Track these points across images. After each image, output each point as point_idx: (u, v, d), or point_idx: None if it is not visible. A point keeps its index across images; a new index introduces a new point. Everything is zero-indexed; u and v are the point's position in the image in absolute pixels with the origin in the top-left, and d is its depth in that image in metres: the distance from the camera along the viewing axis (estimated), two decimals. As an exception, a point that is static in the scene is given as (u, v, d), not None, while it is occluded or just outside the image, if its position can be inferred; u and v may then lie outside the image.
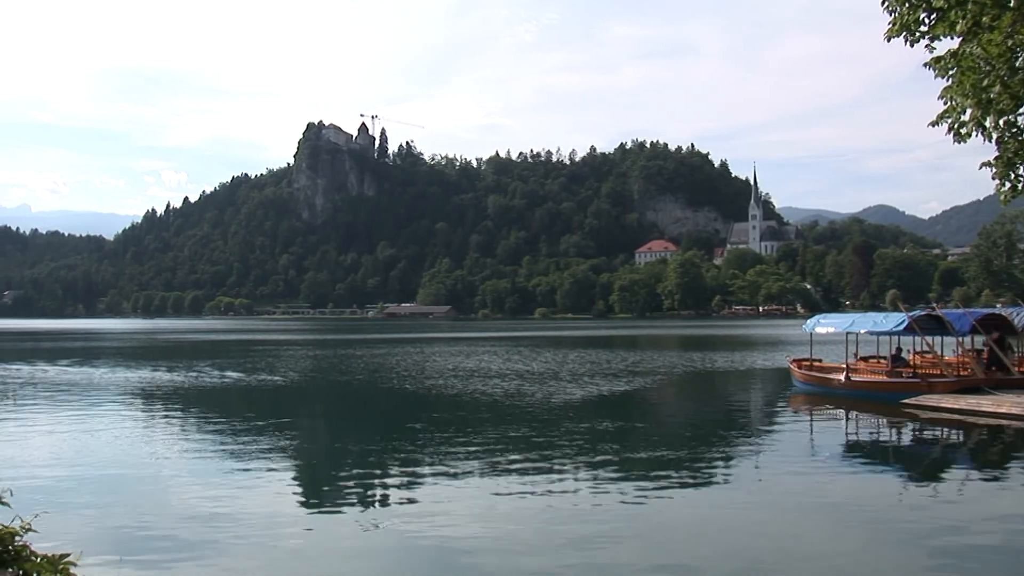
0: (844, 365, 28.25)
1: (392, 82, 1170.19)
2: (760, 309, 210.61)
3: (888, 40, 8.71)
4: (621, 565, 9.98)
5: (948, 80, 8.55)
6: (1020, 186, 8.71)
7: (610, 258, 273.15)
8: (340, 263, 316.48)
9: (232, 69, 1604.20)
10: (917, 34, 8.48)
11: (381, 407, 28.49)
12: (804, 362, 30.94)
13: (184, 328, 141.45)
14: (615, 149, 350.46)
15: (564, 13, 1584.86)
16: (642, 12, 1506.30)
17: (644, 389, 31.30)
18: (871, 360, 30.04)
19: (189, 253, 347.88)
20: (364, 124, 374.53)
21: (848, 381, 27.20)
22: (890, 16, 8.62)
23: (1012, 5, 7.82)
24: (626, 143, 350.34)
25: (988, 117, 8.35)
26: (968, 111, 8.46)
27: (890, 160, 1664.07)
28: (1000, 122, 8.43)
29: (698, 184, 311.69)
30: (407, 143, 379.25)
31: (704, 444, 19.00)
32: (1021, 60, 8.03)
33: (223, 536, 11.25)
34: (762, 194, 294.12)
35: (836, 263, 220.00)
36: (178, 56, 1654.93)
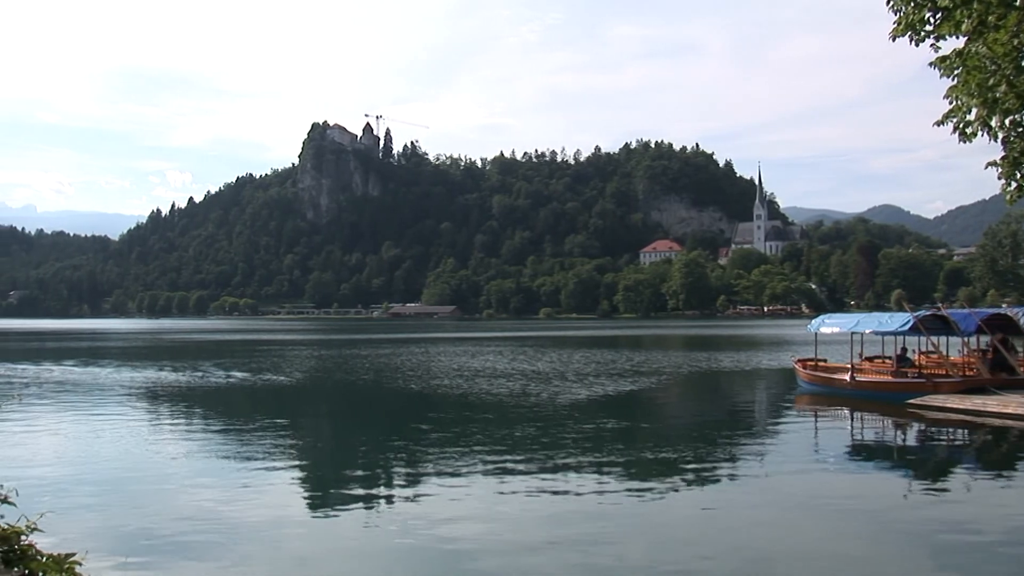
0: (849, 365, 28.17)
1: (396, 82, 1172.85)
2: (765, 309, 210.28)
3: (893, 39, 8.70)
4: (626, 565, 9.98)
5: (953, 79, 8.54)
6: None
7: (615, 258, 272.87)
8: (345, 263, 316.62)
9: (236, 69, 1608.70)
10: (922, 33, 8.47)
11: (386, 407, 28.51)
12: (809, 362, 30.90)
13: (189, 328, 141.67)
14: (620, 149, 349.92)
15: (567, 13, 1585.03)
16: (645, 12, 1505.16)
17: (649, 389, 31.28)
18: (876, 360, 29.96)
19: (194, 253, 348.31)
20: (369, 124, 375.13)
21: (853, 381, 27.15)
22: (895, 15, 8.61)
23: (1018, 4, 7.81)
24: (631, 143, 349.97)
25: (994, 117, 8.33)
26: (974, 111, 8.44)
27: (895, 160, 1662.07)
28: (1006, 122, 8.41)
29: (703, 184, 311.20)
30: (412, 143, 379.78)
31: (709, 444, 18.98)
32: (1027, 59, 8.02)
33: (228, 536, 11.27)
34: (767, 194, 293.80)
35: (841, 263, 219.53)
36: (182, 56, 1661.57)
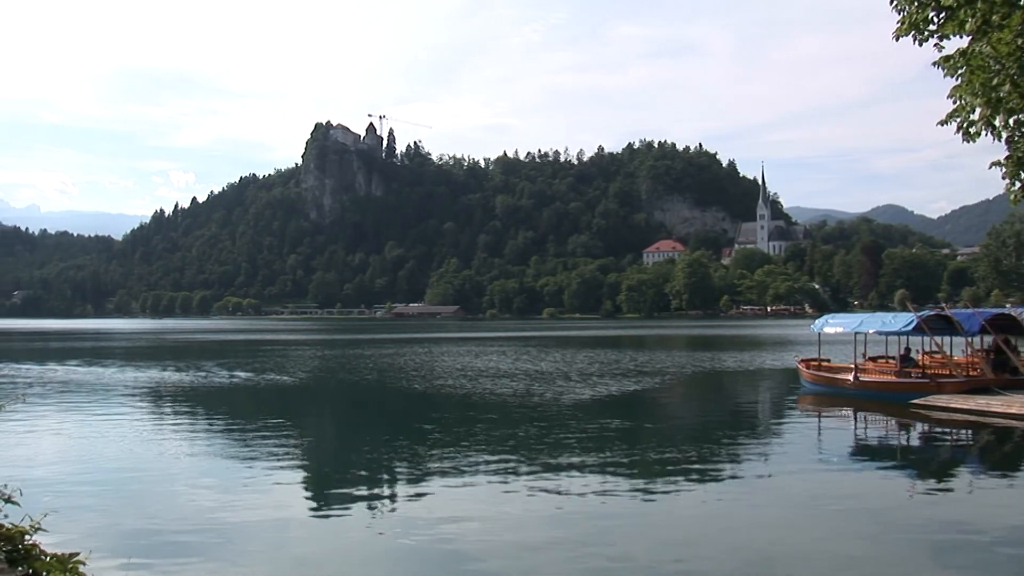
0: (853, 365, 28.14)
1: (399, 82, 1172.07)
2: (768, 309, 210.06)
3: (897, 39, 8.70)
4: (630, 565, 9.97)
5: (957, 79, 8.53)
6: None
7: (618, 258, 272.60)
8: (348, 263, 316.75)
9: (240, 69, 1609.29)
10: (926, 33, 8.47)
11: (389, 407, 28.52)
12: (812, 362, 30.87)
13: (192, 328, 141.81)
14: (623, 149, 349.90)
15: (571, 13, 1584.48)
16: (648, 12, 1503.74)
17: (653, 389, 31.26)
18: (880, 360, 29.94)
19: (197, 253, 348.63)
20: (372, 124, 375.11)
21: (857, 381, 27.11)
22: (899, 15, 8.61)
23: (1022, 4, 7.80)
24: (634, 143, 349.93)
25: (998, 116, 8.33)
26: (977, 110, 8.44)
27: (899, 160, 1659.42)
28: (1010, 121, 8.40)
29: (706, 184, 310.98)
30: (415, 143, 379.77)
31: (713, 444, 18.96)
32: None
33: (231, 537, 11.29)
34: (770, 194, 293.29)
35: (844, 263, 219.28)
36: (185, 57, 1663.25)
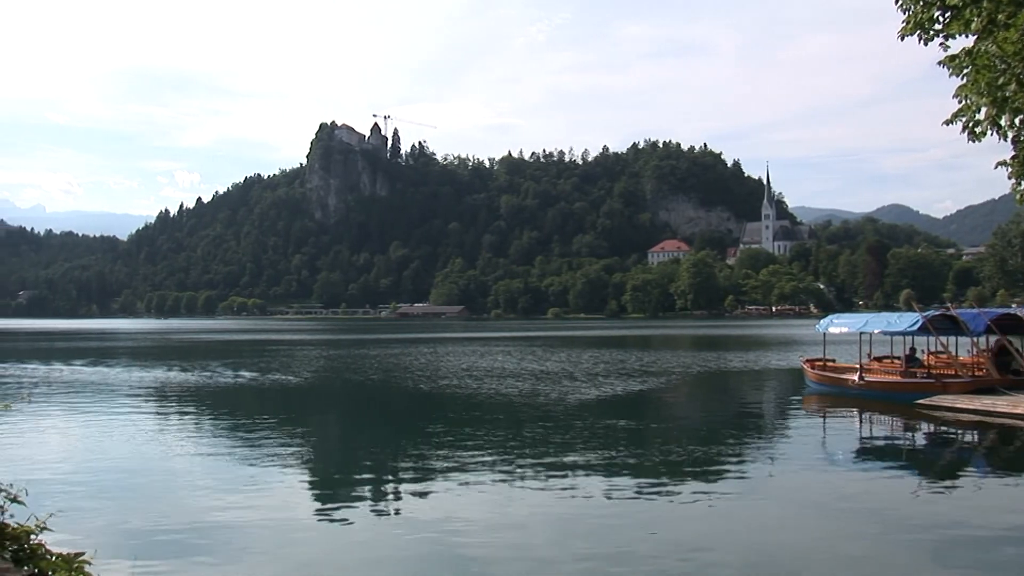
0: (858, 365, 28.11)
1: (404, 82, 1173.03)
2: (773, 309, 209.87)
3: (902, 39, 8.68)
4: (634, 565, 9.95)
5: (963, 78, 8.51)
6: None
7: (623, 258, 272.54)
8: (353, 263, 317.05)
9: (244, 70, 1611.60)
10: (931, 32, 8.45)
11: (395, 407, 28.53)
12: (817, 362, 30.84)
13: (197, 328, 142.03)
14: (628, 149, 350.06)
15: (575, 13, 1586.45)
16: (653, 12, 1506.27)
17: (658, 389, 31.24)
18: (885, 360, 29.87)
19: (202, 253, 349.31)
20: (376, 124, 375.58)
21: (862, 381, 27.07)
22: (904, 15, 8.59)
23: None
24: (639, 143, 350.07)
25: (1003, 116, 8.31)
26: (983, 110, 8.42)
27: (904, 159, 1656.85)
28: (1016, 121, 8.39)
29: (711, 184, 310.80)
30: (419, 143, 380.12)
31: (718, 444, 18.94)
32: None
33: (236, 537, 11.30)
34: (775, 194, 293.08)
35: (849, 263, 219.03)
36: (189, 57, 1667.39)
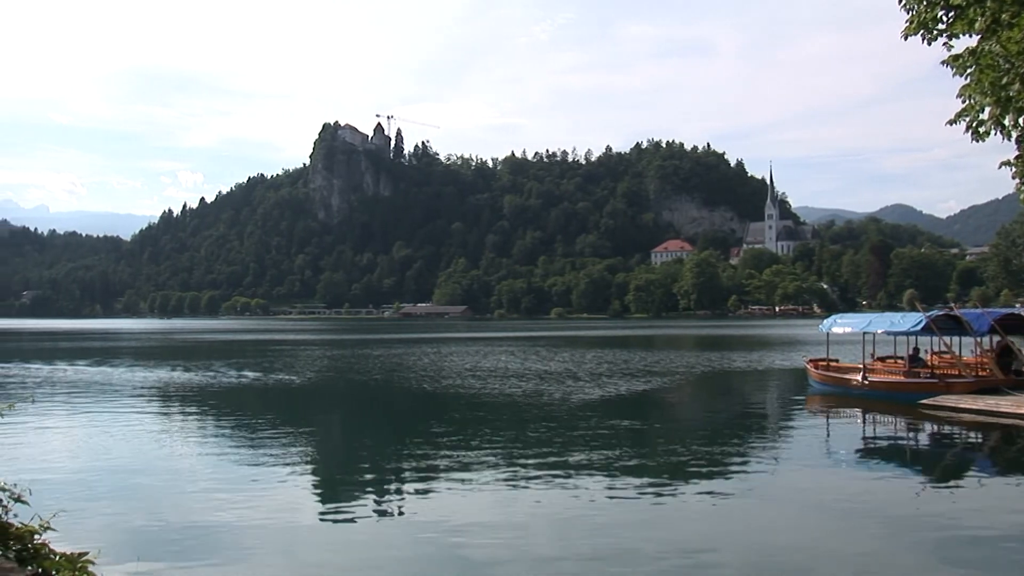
0: (861, 365, 28.07)
1: (407, 82, 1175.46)
2: (776, 309, 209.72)
3: (905, 38, 8.66)
4: (640, 566, 9.95)
5: (966, 78, 8.49)
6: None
7: (626, 258, 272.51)
8: (356, 263, 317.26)
9: (247, 70, 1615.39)
10: (935, 32, 8.43)
11: (398, 407, 28.54)
12: (821, 362, 30.82)
13: (201, 328, 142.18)
14: (631, 149, 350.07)
15: (579, 13, 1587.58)
16: (656, 12, 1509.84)
17: (661, 389, 31.22)
18: (888, 360, 29.83)
19: (205, 253, 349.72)
20: (380, 124, 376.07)
21: (865, 381, 27.04)
22: (907, 14, 8.57)
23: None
24: (642, 143, 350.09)
25: (1007, 115, 8.29)
26: (987, 109, 8.40)
27: (907, 159, 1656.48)
28: (1020, 120, 8.36)
29: (714, 184, 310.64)
30: (423, 143, 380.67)
31: (721, 444, 18.93)
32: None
33: (239, 537, 11.31)
34: (778, 194, 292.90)
35: (853, 263, 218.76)
36: (193, 57, 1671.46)
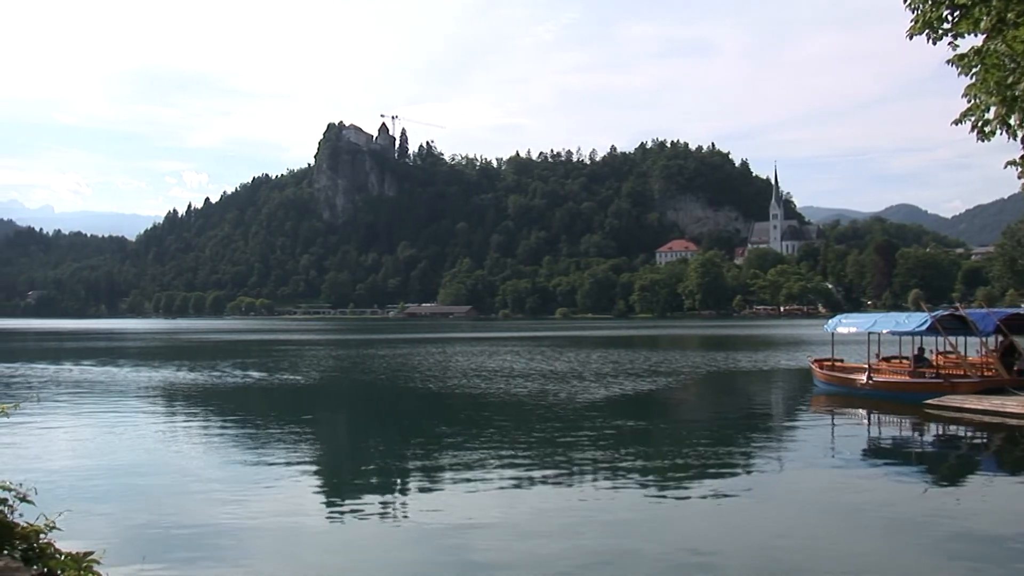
0: (866, 365, 28.02)
1: (412, 82, 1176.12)
2: (781, 309, 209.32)
3: (910, 38, 8.64)
4: (644, 566, 9.95)
5: (972, 78, 8.47)
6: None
7: (630, 258, 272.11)
8: (361, 263, 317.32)
9: (251, 70, 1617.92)
10: (940, 31, 8.41)
11: (403, 407, 28.54)
12: (826, 362, 30.77)
13: (205, 328, 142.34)
14: (635, 149, 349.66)
15: (582, 13, 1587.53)
16: (660, 12, 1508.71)
17: (667, 389, 31.20)
18: (893, 360, 29.78)
19: (210, 253, 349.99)
20: (384, 124, 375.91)
21: (870, 382, 26.99)
22: (912, 13, 8.56)
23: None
24: (646, 143, 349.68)
25: (1013, 115, 8.27)
26: (992, 109, 8.38)
27: (912, 159, 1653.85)
28: (1025, 120, 8.34)
29: (719, 183, 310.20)
30: (427, 143, 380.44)
31: (726, 444, 18.92)
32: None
33: (245, 537, 11.32)
34: (783, 193, 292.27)
35: (858, 263, 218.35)
36: (198, 57, 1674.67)
